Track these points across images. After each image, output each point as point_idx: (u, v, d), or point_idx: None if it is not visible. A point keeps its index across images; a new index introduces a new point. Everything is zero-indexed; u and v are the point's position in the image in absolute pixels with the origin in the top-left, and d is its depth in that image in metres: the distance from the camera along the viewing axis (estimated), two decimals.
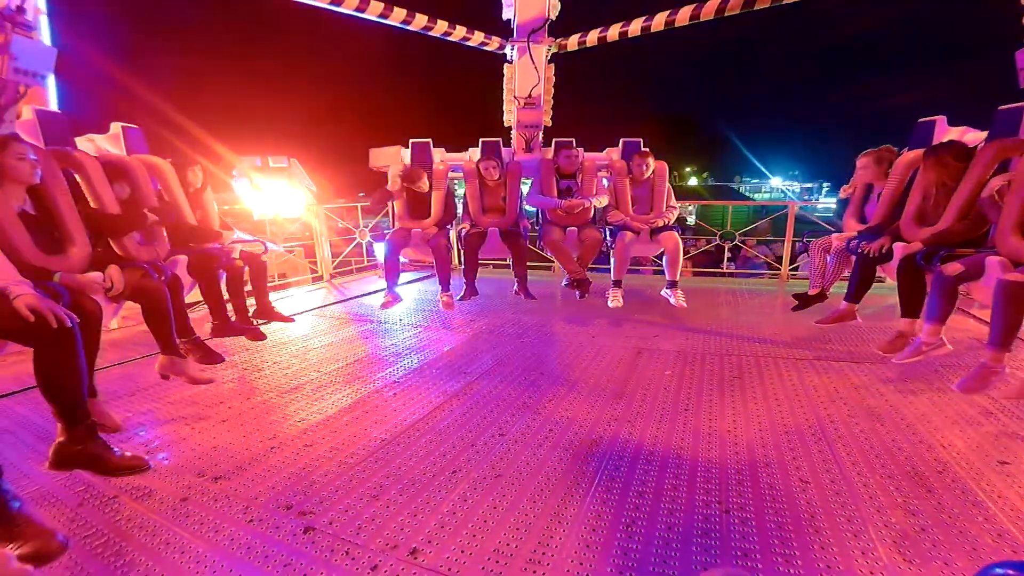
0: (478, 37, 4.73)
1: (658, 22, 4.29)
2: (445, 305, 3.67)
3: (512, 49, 4.64)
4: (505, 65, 4.75)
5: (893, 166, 2.94)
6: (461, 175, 4.12)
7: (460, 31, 4.65)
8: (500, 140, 4.38)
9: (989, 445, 1.72)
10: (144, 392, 2.31)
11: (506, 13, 4.65)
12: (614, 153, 4.28)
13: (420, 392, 2.28)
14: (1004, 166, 2.41)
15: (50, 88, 2.78)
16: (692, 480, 1.55)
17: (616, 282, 3.76)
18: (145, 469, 1.63)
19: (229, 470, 1.65)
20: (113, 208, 2.43)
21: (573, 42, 4.74)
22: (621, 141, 4.29)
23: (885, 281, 3.57)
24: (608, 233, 3.97)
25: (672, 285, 3.67)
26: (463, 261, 3.90)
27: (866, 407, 2.05)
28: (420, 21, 4.46)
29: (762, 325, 3.31)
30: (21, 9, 2.39)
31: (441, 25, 4.55)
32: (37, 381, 1.52)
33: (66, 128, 2.58)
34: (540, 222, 4.21)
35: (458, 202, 4.25)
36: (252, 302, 3.14)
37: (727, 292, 4.40)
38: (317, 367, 2.62)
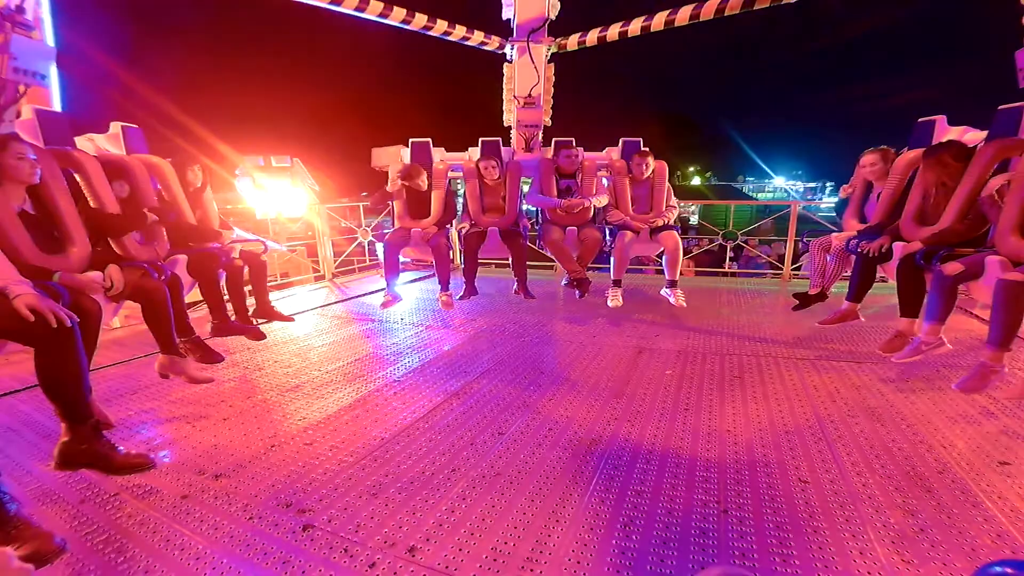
0: (478, 36, 4.73)
1: (658, 22, 4.29)
2: (445, 304, 3.68)
3: (512, 48, 4.64)
4: (505, 64, 4.75)
5: (893, 166, 2.94)
6: (461, 175, 4.13)
7: (460, 30, 4.65)
8: (500, 139, 4.37)
9: (989, 445, 1.72)
10: (145, 391, 2.32)
11: (506, 13, 4.66)
12: (614, 153, 4.27)
13: (420, 391, 2.28)
14: (1004, 166, 2.42)
15: (53, 87, 2.78)
16: (691, 480, 1.55)
17: (616, 281, 3.76)
18: (149, 467, 1.64)
19: (229, 468, 1.66)
20: (113, 208, 2.44)
21: (573, 42, 4.74)
22: (621, 140, 4.28)
23: (887, 281, 3.57)
24: (608, 233, 3.97)
25: (672, 284, 3.67)
26: (463, 260, 3.90)
27: (866, 407, 2.04)
28: (420, 20, 4.46)
29: (763, 325, 3.30)
30: (20, 9, 2.39)
31: (441, 25, 4.55)
32: (39, 380, 1.53)
33: (66, 128, 2.58)
34: (540, 221, 4.21)
35: (458, 202, 4.25)
36: (252, 301, 3.15)
37: (729, 292, 4.39)
38: (317, 366, 2.63)
